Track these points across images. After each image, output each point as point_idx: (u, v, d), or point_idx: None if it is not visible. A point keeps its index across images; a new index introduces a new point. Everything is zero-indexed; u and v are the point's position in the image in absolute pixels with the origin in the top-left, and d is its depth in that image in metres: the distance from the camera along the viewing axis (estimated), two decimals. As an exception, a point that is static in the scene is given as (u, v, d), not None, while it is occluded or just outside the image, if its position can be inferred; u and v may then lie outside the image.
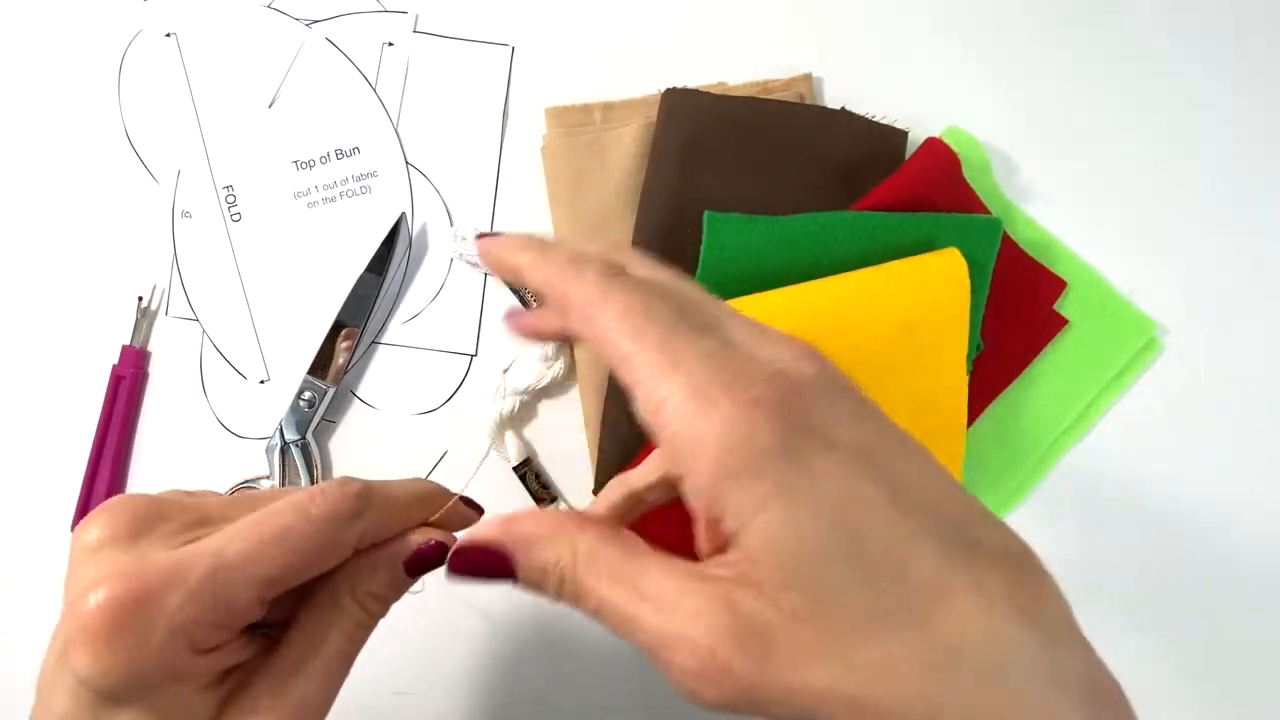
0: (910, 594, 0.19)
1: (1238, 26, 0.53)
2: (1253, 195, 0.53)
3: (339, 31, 0.50)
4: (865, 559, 0.19)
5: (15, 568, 0.48)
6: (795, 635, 0.19)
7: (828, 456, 0.19)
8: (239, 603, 0.23)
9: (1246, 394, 0.51)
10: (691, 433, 0.19)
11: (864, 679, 0.18)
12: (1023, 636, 0.19)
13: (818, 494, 0.19)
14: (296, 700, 0.24)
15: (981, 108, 0.52)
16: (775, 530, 0.19)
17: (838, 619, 0.19)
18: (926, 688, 0.18)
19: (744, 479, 0.19)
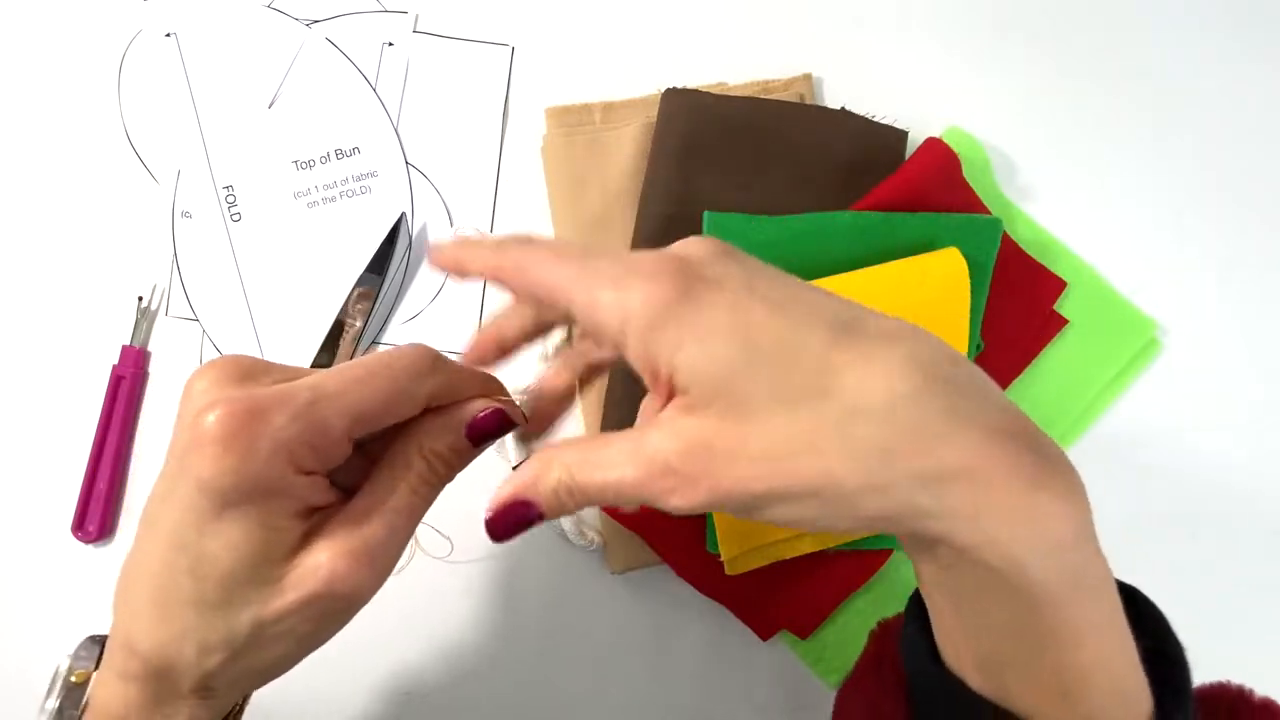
0: (808, 375, 0.22)
1: (1237, 26, 0.53)
2: (1253, 195, 0.53)
3: (339, 31, 0.50)
4: (764, 358, 0.23)
5: (15, 568, 0.48)
6: (726, 434, 0.23)
7: (719, 294, 0.23)
8: (333, 430, 0.26)
9: (1246, 393, 0.51)
10: (618, 313, 0.24)
11: (787, 451, 0.22)
12: (920, 386, 0.22)
13: (716, 322, 0.23)
14: (365, 539, 0.27)
15: (981, 108, 0.52)
16: (691, 361, 0.23)
17: (755, 411, 0.23)
18: (830, 444, 0.22)
19: (660, 331, 0.23)
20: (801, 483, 0.23)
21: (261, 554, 0.26)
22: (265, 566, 0.26)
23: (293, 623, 0.27)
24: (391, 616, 0.48)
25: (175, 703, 0.27)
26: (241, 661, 0.27)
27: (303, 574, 0.26)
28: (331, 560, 0.26)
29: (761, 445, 0.23)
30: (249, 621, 0.26)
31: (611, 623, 0.49)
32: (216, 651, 0.26)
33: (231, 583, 0.26)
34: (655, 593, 0.49)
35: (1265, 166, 0.53)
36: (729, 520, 0.43)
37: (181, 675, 0.27)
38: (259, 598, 0.26)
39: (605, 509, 0.46)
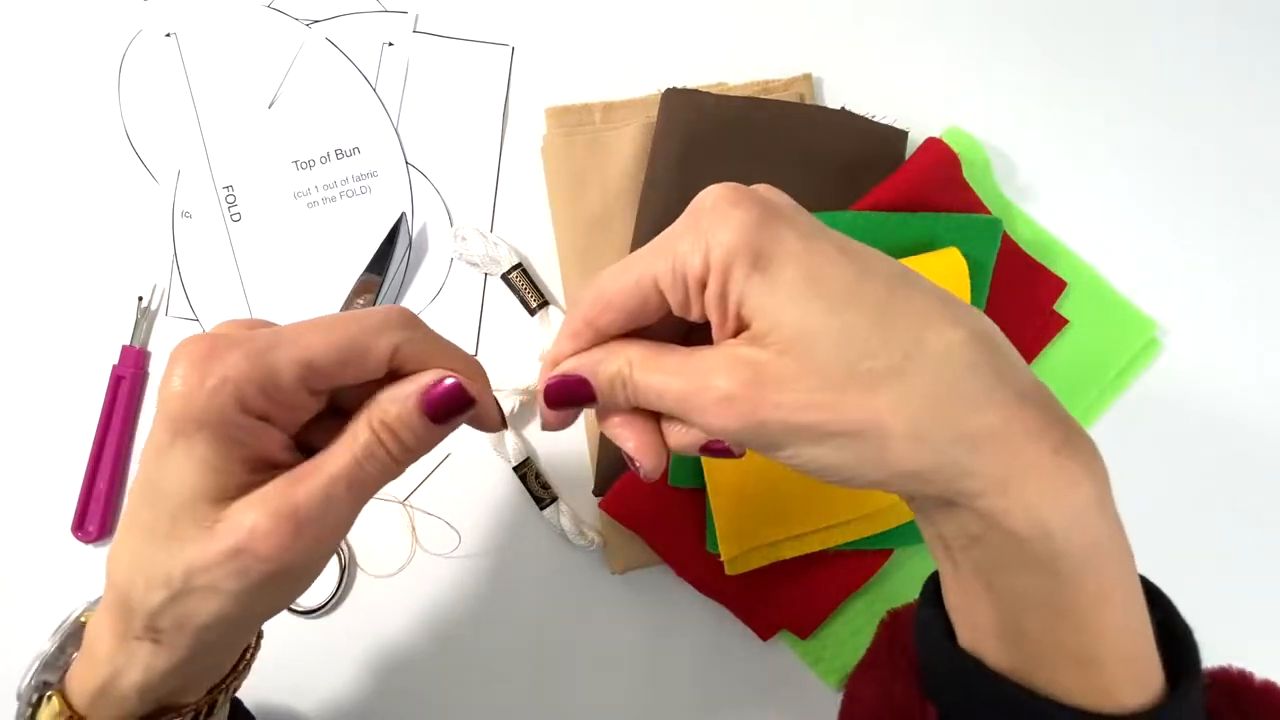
0: (869, 322, 0.23)
1: (1237, 27, 0.53)
2: (1254, 194, 0.53)
3: (339, 31, 0.50)
4: (830, 300, 0.23)
5: (15, 568, 0.48)
6: (781, 365, 0.23)
7: (793, 230, 0.24)
8: (282, 375, 0.26)
9: (1246, 394, 0.51)
10: (701, 248, 0.24)
11: (839, 388, 0.23)
12: (972, 345, 0.24)
13: (789, 257, 0.24)
14: (294, 502, 0.26)
15: (982, 108, 0.52)
16: (760, 292, 0.24)
17: (813, 348, 0.23)
18: (882, 388, 0.23)
19: (739, 257, 0.24)
20: (846, 422, 0.23)
21: (203, 491, 0.26)
22: (205, 505, 0.26)
23: (218, 575, 0.26)
24: (391, 614, 0.48)
25: (130, 642, 0.28)
26: (180, 606, 0.26)
27: (230, 525, 0.26)
28: (255, 517, 0.26)
29: (814, 380, 0.23)
30: (183, 562, 0.26)
31: (611, 623, 0.49)
32: (159, 588, 0.26)
33: (176, 516, 0.26)
34: (655, 593, 0.49)
35: (1265, 166, 0.53)
36: (729, 520, 0.43)
37: (134, 609, 0.27)
38: (194, 538, 0.26)
39: (603, 507, 0.46)
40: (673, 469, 0.45)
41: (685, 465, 0.45)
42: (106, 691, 0.28)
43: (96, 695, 0.28)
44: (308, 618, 0.48)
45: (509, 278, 0.48)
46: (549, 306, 0.48)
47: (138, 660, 0.28)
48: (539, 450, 0.49)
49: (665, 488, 0.45)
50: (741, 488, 0.43)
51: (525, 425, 0.49)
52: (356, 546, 0.48)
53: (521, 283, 0.48)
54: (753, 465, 0.43)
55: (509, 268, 0.48)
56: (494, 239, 0.49)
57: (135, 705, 0.28)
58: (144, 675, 0.28)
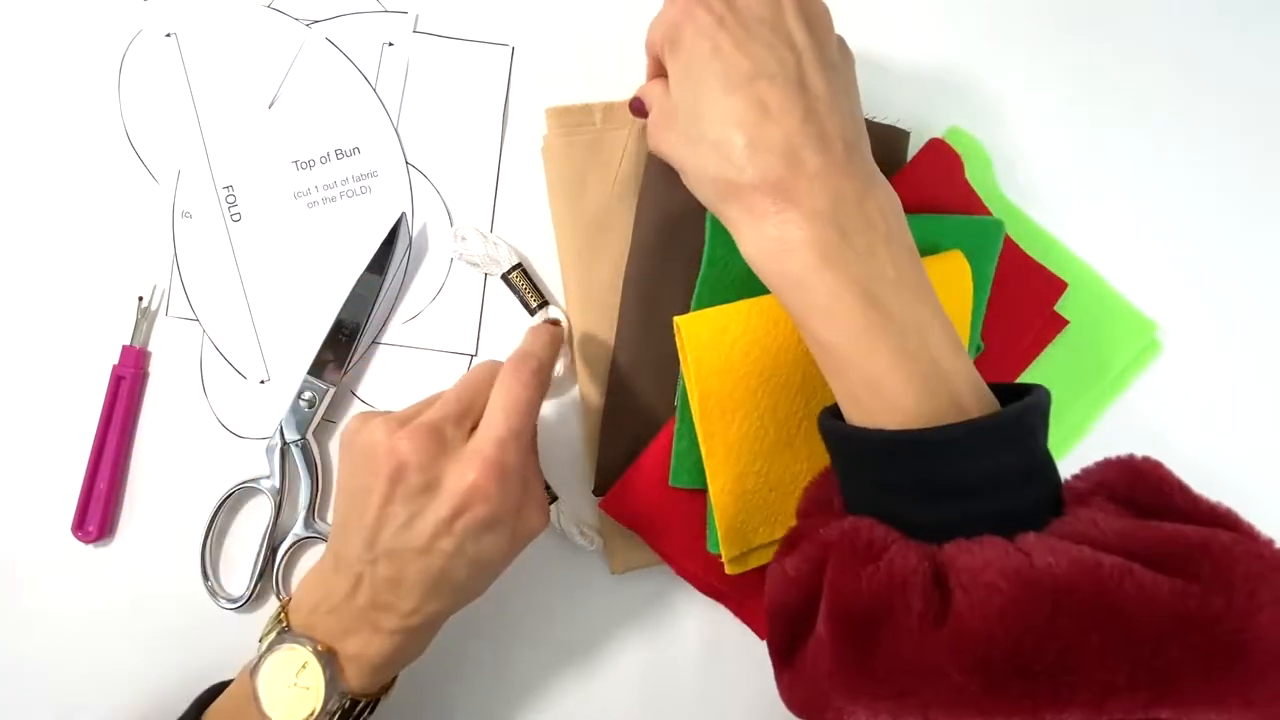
0: (713, 117, 0.34)
1: (1237, 29, 0.53)
2: (1255, 196, 0.53)
3: (339, 31, 0.50)
4: (694, 84, 0.35)
5: (15, 568, 0.48)
6: (664, 118, 0.37)
7: (692, 25, 0.35)
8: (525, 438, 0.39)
9: (1246, 395, 0.51)
10: (657, 32, 0.38)
11: (674, 137, 0.36)
12: (739, 120, 0.34)
13: (684, 48, 0.35)
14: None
15: (983, 108, 0.52)
16: (670, 67, 0.36)
17: (679, 113, 0.35)
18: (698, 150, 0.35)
19: (665, 44, 0.37)
20: (666, 156, 0.37)
21: None
22: None
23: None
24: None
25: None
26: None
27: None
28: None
29: (667, 132, 0.37)
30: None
31: (611, 623, 0.49)
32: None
33: None
34: (655, 593, 0.49)
35: (1267, 168, 0.53)
36: (730, 520, 0.43)
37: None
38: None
39: (603, 507, 0.46)
40: (674, 469, 0.45)
41: (686, 465, 0.45)
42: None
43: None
44: (308, 618, 0.48)
45: (509, 278, 0.48)
46: (549, 306, 0.48)
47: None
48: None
49: (665, 488, 0.45)
50: (742, 487, 0.43)
51: None
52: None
53: (521, 283, 0.48)
54: (753, 465, 0.43)
55: (509, 268, 0.48)
56: (494, 239, 0.49)
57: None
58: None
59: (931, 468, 0.29)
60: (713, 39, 0.34)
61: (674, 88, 0.35)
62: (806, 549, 0.31)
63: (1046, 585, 0.25)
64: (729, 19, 0.34)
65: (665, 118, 0.36)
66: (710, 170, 0.34)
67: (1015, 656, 0.25)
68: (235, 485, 0.48)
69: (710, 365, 0.42)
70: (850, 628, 0.28)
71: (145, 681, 0.47)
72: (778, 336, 0.42)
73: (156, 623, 0.48)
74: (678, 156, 0.36)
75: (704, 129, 0.34)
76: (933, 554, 0.28)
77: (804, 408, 0.43)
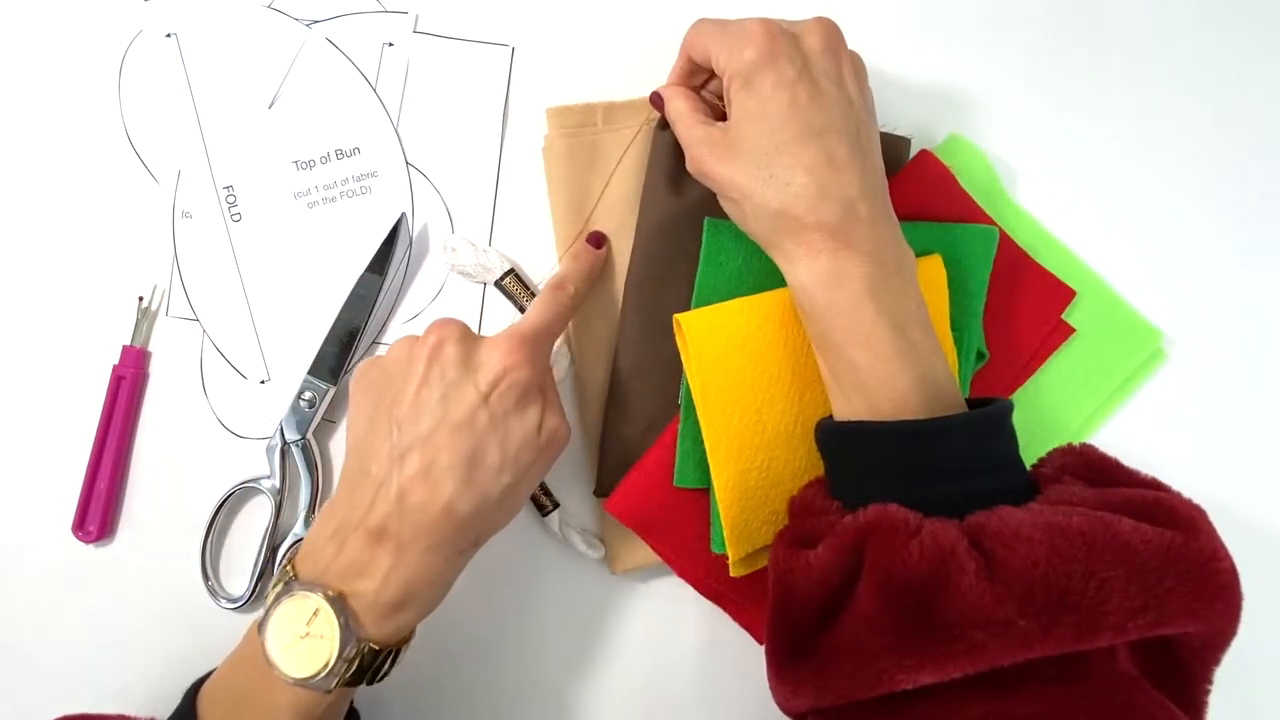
0: (774, 160, 0.38)
1: (1245, 34, 0.53)
2: (1263, 204, 0.52)
3: (339, 31, 0.50)
4: (769, 129, 0.38)
5: (15, 568, 0.48)
6: (725, 150, 0.40)
7: (773, 73, 0.38)
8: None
9: (1250, 404, 0.51)
10: (723, 64, 0.40)
11: (735, 170, 0.39)
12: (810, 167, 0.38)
13: (761, 91, 0.38)
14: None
15: (986, 116, 0.52)
16: (738, 105, 0.39)
17: (743, 148, 0.39)
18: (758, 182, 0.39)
19: (736, 78, 0.39)
20: (728, 189, 0.40)
21: None
22: None
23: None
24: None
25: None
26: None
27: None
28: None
29: (729, 166, 0.39)
30: None
31: (611, 623, 0.49)
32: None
33: None
34: (655, 593, 0.49)
35: (1276, 175, 0.52)
36: (736, 521, 0.43)
37: None
38: None
39: (607, 508, 0.46)
40: (678, 469, 0.45)
41: (690, 465, 0.45)
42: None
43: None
44: (308, 618, 0.48)
45: (502, 284, 0.48)
46: None
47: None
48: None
49: (669, 489, 0.45)
50: (745, 484, 0.43)
51: None
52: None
53: (515, 288, 0.48)
54: (755, 460, 0.43)
55: (501, 274, 0.48)
56: (483, 248, 0.49)
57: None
58: None
59: (935, 451, 0.35)
60: (792, 91, 0.38)
61: (743, 125, 0.39)
62: (834, 540, 0.34)
63: (1075, 533, 0.31)
64: (805, 75, 0.38)
65: (724, 150, 0.40)
66: (774, 205, 0.38)
67: (1064, 595, 0.30)
68: (235, 485, 0.48)
69: (711, 360, 0.42)
70: (907, 596, 0.32)
71: (145, 681, 0.47)
72: (769, 332, 0.43)
73: (156, 623, 0.48)
74: (738, 187, 0.39)
75: (775, 171, 0.38)
76: (959, 525, 0.33)
77: (798, 402, 0.43)
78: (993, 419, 0.36)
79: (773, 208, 0.38)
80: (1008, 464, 0.37)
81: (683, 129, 0.42)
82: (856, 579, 0.34)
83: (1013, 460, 0.37)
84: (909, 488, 0.35)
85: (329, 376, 0.47)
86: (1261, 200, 0.52)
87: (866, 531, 0.34)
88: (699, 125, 0.41)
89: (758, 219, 0.39)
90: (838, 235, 0.37)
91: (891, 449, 0.36)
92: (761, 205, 0.38)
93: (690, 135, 0.42)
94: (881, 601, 0.32)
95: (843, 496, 0.37)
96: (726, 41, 0.40)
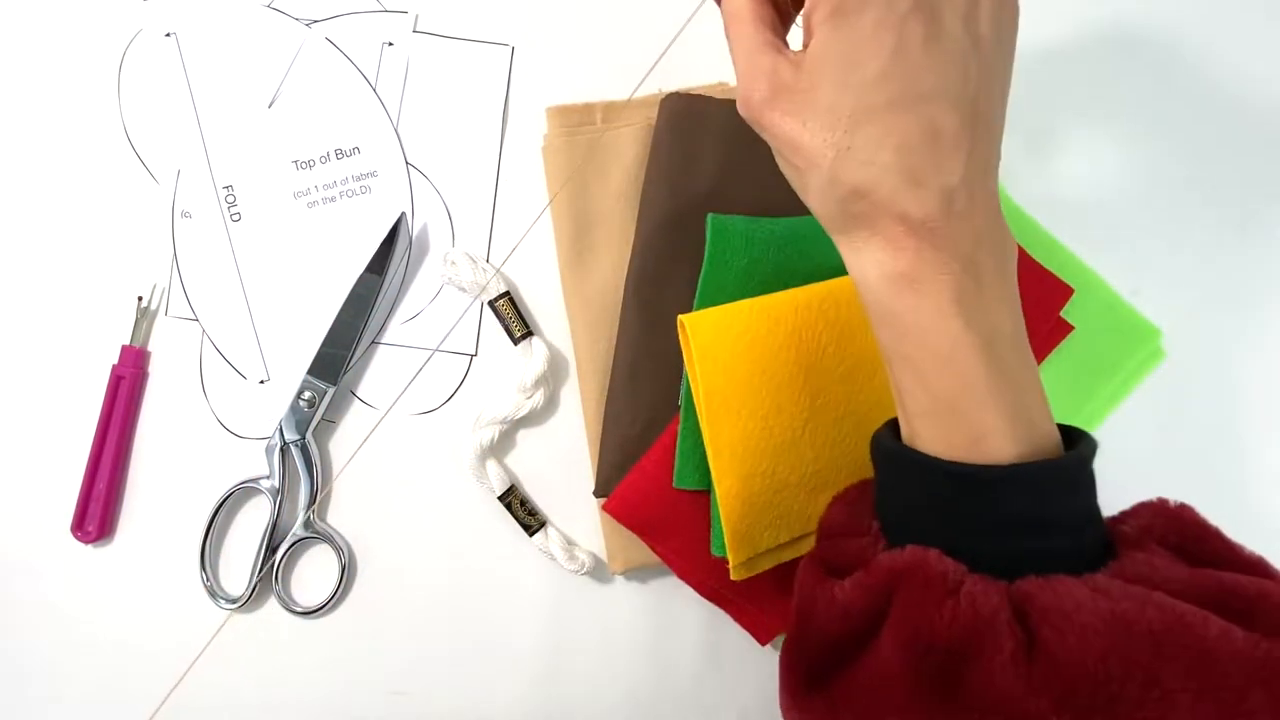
0: (850, 115, 0.29)
1: (1240, 34, 0.53)
2: (1261, 205, 0.52)
3: (339, 31, 0.50)
4: (848, 73, 0.28)
5: (15, 568, 0.48)
6: (793, 97, 0.30)
7: (873, 11, 0.28)
8: None
9: (1249, 403, 0.51)
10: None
11: (805, 129, 0.29)
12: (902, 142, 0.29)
13: (851, 27, 0.28)
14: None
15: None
16: (821, 40, 0.29)
17: (819, 100, 0.29)
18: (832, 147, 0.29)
19: (824, 2, 0.29)
20: (795, 152, 0.30)
21: None
22: None
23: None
24: (388, 614, 0.48)
25: None
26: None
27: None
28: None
29: (801, 118, 0.29)
30: None
31: (611, 623, 0.49)
32: None
33: None
34: (655, 593, 0.49)
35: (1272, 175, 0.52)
36: (737, 525, 0.43)
37: None
38: None
39: (606, 509, 0.46)
40: (678, 470, 0.45)
41: (690, 466, 0.45)
42: None
43: None
44: (308, 618, 0.48)
45: (495, 305, 0.48)
46: (533, 337, 0.48)
47: None
48: (521, 478, 0.49)
49: (668, 490, 0.45)
50: (749, 489, 0.43)
51: (506, 455, 0.49)
52: (357, 548, 0.48)
53: (507, 312, 0.48)
54: (760, 466, 0.43)
55: (496, 295, 0.48)
56: (484, 265, 0.48)
57: None
58: None
59: (1012, 504, 0.29)
60: (900, 34, 0.28)
61: (824, 69, 0.29)
62: (864, 578, 0.30)
63: (1144, 630, 0.26)
64: (922, 6, 0.28)
65: (789, 97, 0.30)
66: (848, 182, 0.29)
67: (1114, 701, 0.25)
68: (235, 485, 0.48)
69: (715, 364, 0.42)
70: (932, 661, 0.28)
71: (144, 681, 0.47)
72: (778, 335, 0.42)
73: (155, 623, 0.48)
74: (804, 151, 0.30)
75: (856, 141, 0.29)
76: (1006, 590, 0.28)
77: (809, 407, 0.43)
78: (1085, 468, 0.30)
79: (847, 185, 0.29)
80: (1083, 521, 0.30)
81: (739, 44, 0.31)
82: (882, 624, 0.30)
83: (1089, 515, 0.31)
84: (961, 536, 0.29)
85: (328, 376, 0.47)
86: (1262, 199, 0.52)
87: (899, 577, 0.29)
88: (765, 48, 0.31)
89: (823, 197, 0.30)
90: (925, 232, 0.29)
91: (956, 494, 0.30)
92: (832, 180, 0.29)
93: (750, 61, 0.31)
94: (903, 658, 0.28)
95: (885, 518, 0.32)
96: None
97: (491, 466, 0.48)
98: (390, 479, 0.49)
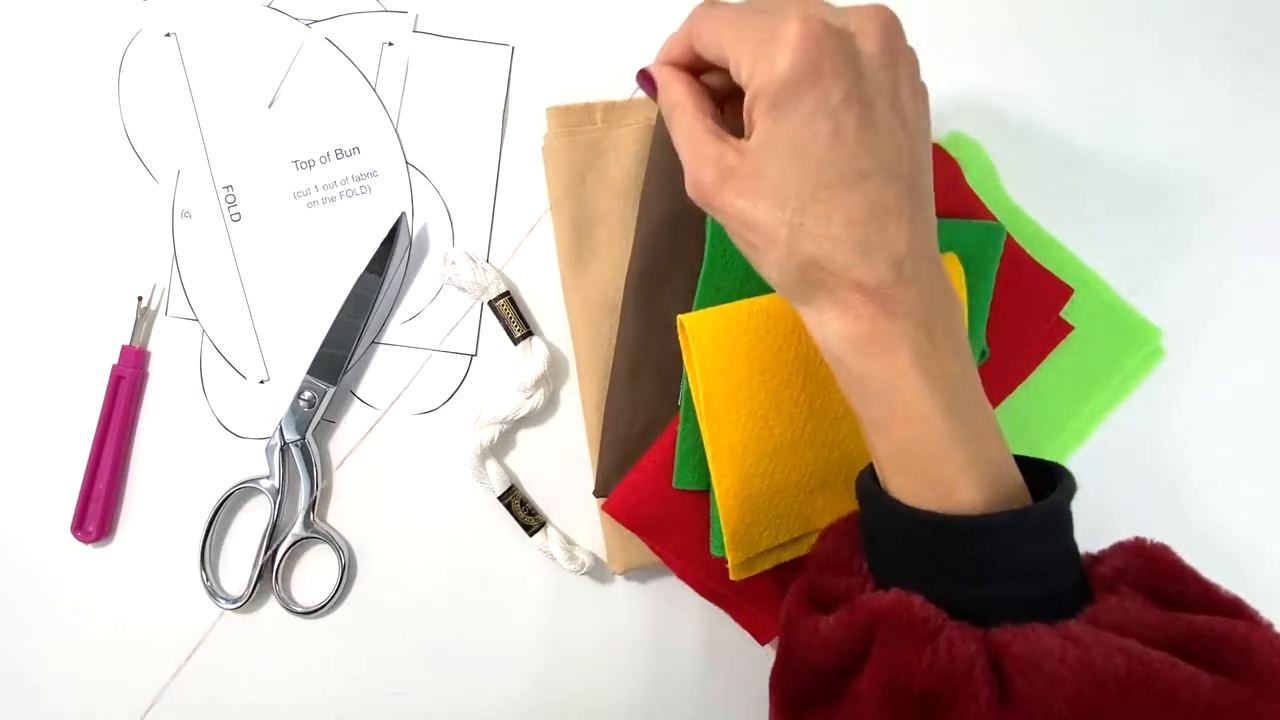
0: (800, 201, 0.31)
1: (1241, 33, 0.53)
2: (1263, 205, 0.52)
3: (339, 31, 0.50)
4: (793, 163, 0.30)
5: (15, 568, 0.48)
6: (740, 181, 0.31)
7: (812, 100, 0.30)
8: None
9: (1248, 403, 0.51)
10: (748, 76, 0.31)
11: (756, 209, 0.31)
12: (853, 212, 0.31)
13: (792, 117, 0.30)
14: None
15: (985, 113, 0.52)
16: (764, 130, 0.31)
17: (762, 186, 0.31)
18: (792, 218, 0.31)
19: (763, 97, 0.30)
20: (752, 230, 0.32)
21: None
22: None
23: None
24: (388, 614, 0.48)
25: None
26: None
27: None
28: None
29: (749, 201, 0.31)
30: None
31: (611, 623, 0.49)
32: None
33: None
34: (655, 593, 0.49)
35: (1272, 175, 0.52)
36: (736, 525, 0.43)
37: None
38: None
39: (606, 509, 0.46)
40: (678, 470, 0.45)
41: (690, 466, 0.45)
42: None
43: None
44: (308, 618, 0.48)
45: (495, 305, 0.48)
46: (533, 337, 0.48)
47: None
48: (521, 478, 0.49)
49: (668, 490, 0.45)
50: (748, 490, 0.43)
51: (505, 455, 0.49)
52: (357, 548, 0.48)
53: (508, 311, 0.48)
54: (759, 466, 0.43)
55: (496, 295, 0.48)
56: (484, 265, 0.48)
57: None
58: None
59: (984, 552, 0.30)
60: (836, 121, 0.30)
61: (768, 158, 0.31)
62: (847, 616, 0.31)
63: (1110, 678, 0.27)
64: (854, 96, 0.30)
65: (736, 181, 0.31)
66: (805, 254, 0.31)
67: None
68: (235, 485, 0.48)
69: (715, 364, 0.42)
70: (907, 705, 0.29)
71: (144, 682, 0.47)
72: (777, 336, 0.42)
73: (155, 623, 0.48)
74: (759, 229, 0.31)
75: (807, 219, 0.30)
76: (983, 638, 0.29)
77: (808, 407, 0.43)
78: (1055, 517, 0.31)
79: (804, 256, 0.31)
80: (1060, 566, 0.31)
81: (684, 134, 0.33)
82: (863, 663, 0.31)
83: (1066, 559, 0.32)
84: (938, 581, 0.31)
85: (328, 376, 0.47)
86: (1262, 198, 0.52)
87: (881, 618, 0.30)
88: (708, 136, 0.33)
89: (782, 269, 0.32)
90: (880, 298, 0.30)
91: (931, 541, 0.31)
92: (789, 252, 0.31)
93: (695, 149, 0.33)
94: (881, 702, 0.29)
95: (871, 555, 0.34)
96: (751, 42, 0.31)
97: (491, 466, 0.48)
98: (390, 479, 0.49)
